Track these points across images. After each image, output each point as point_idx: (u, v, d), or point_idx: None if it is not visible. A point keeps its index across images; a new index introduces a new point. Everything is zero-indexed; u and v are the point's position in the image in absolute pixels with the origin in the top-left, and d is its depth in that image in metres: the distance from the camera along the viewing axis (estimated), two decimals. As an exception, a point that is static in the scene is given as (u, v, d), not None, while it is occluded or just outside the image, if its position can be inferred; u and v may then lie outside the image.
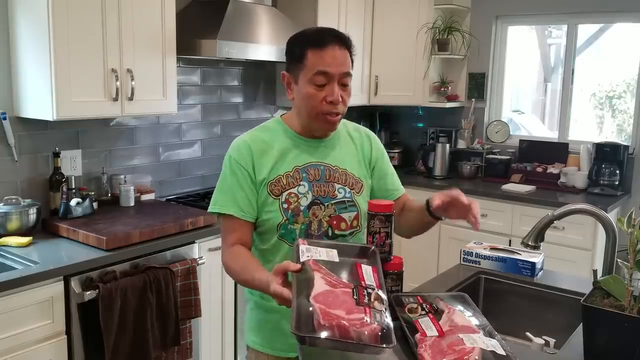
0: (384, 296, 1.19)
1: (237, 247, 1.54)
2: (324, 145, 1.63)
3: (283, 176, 1.56)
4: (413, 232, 1.70)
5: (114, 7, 2.54)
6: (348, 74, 1.52)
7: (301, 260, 1.25)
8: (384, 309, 1.15)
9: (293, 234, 1.54)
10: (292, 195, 1.55)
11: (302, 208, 1.54)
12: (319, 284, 1.17)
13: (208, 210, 1.61)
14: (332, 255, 1.30)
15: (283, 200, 1.54)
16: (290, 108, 1.65)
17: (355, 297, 1.16)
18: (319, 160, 1.60)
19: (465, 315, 1.32)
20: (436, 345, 1.19)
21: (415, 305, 1.36)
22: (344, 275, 1.25)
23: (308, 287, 1.17)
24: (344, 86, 1.53)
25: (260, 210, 1.56)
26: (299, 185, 1.56)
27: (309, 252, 1.28)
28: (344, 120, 1.70)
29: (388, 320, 1.13)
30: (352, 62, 1.56)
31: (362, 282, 1.22)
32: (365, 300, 1.15)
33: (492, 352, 1.17)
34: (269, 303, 1.53)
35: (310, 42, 1.51)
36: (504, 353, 1.17)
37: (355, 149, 1.68)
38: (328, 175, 1.60)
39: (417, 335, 1.23)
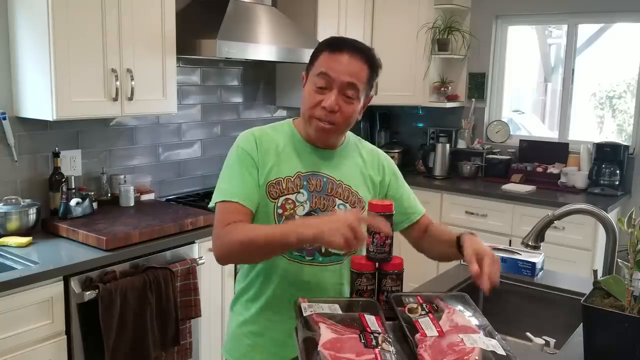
0: (390, 339, 1.19)
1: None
2: (330, 156, 1.55)
3: (284, 180, 1.49)
4: (441, 260, 1.68)
5: (114, 7, 2.53)
6: (352, 85, 1.43)
7: (304, 315, 1.24)
8: (392, 350, 1.15)
9: None
10: (289, 201, 1.48)
11: (296, 217, 1.47)
12: (325, 333, 1.17)
13: (212, 201, 1.48)
14: (335, 308, 1.29)
15: (279, 204, 1.47)
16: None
17: (362, 341, 1.16)
18: (322, 172, 1.53)
19: (465, 315, 1.31)
20: (436, 346, 1.19)
21: (415, 305, 1.35)
22: (349, 325, 1.24)
23: (314, 338, 1.16)
24: (347, 98, 1.44)
25: (256, 210, 1.48)
26: (298, 192, 1.49)
27: (311, 308, 1.27)
28: (359, 139, 1.66)
29: None
30: (372, 80, 1.48)
31: (368, 329, 1.22)
32: (374, 343, 1.15)
33: (492, 352, 1.17)
34: (251, 315, 1.54)
35: (328, 45, 1.47)
36: (504, 353, 1.17)
37: (364, 168, 1.60)
38: (330, 188, 1.52)
39: (417, 335, 1.23)
